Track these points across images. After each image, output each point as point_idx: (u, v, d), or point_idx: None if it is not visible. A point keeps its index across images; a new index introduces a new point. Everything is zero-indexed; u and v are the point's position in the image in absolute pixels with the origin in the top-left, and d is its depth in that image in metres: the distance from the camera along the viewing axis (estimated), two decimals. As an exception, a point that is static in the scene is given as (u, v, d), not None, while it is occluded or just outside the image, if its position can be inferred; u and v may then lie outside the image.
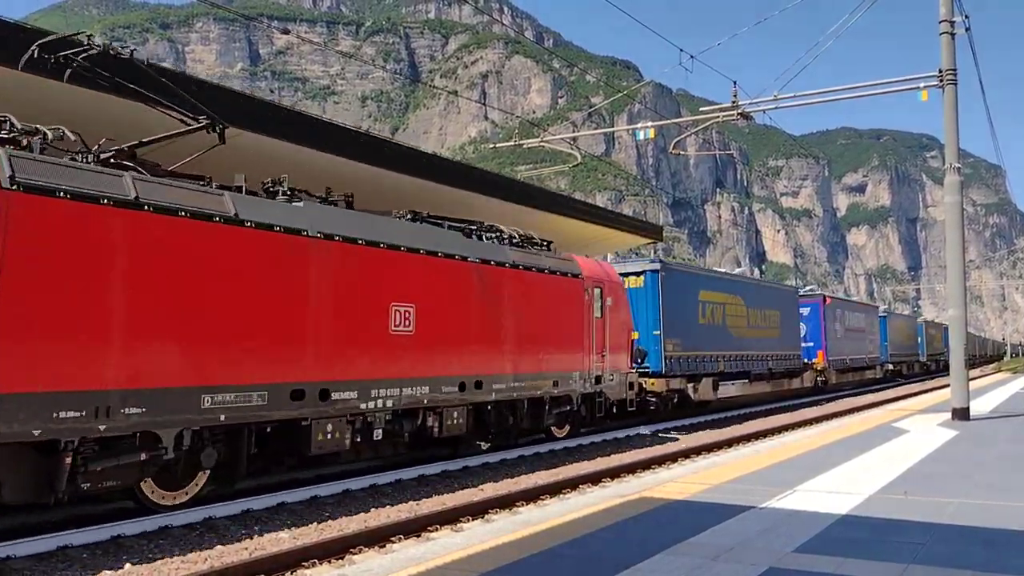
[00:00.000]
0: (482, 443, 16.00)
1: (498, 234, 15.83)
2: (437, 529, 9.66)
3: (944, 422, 16.25)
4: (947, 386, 18.87)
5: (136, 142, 10.18)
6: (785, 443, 13.54)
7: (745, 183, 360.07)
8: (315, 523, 10.01)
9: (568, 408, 17.15)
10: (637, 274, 23.66)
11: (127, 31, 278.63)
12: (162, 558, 8.37)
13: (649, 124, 21.83)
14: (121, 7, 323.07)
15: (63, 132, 8.94)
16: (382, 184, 16.17)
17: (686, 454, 16.12)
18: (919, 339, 59.97)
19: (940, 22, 16.83)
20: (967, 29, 17.13)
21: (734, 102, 19.50)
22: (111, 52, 10.00)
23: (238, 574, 7.64)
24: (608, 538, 6.44)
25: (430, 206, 16.95)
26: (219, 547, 8.84)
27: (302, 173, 13.14)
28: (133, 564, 8.14)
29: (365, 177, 15.43)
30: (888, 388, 43.96)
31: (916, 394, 31.49)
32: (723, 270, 36.04)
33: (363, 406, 11.67)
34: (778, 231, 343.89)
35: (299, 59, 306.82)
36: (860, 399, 32.90)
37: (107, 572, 7.88)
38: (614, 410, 19.59)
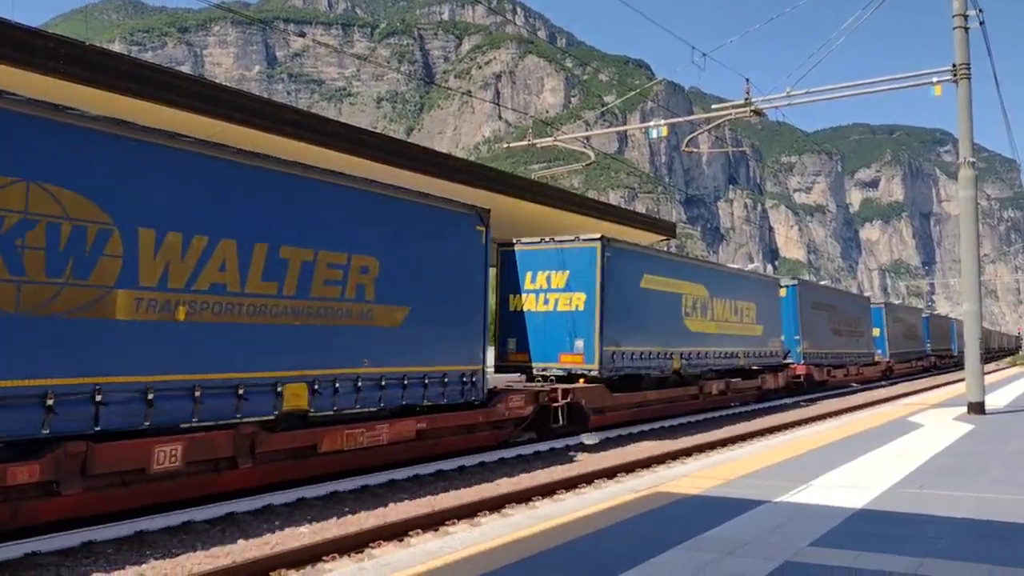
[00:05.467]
0: None
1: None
2: (455, 523, 9.74)
3: (959, 416, 16.22)
4: (964, 380, 18.81)
5: None
6: (800, 438, 13.55)
7: (758, 180, 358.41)
8: (335, 518, 10.12)
9: None
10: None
11: (146, 35, 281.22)
12: (184, 553, 8.50)
13: (662, 122, 21.85)
14: (140, 12, 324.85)
15: None
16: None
17: (700, 448, 16.13)
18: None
19: (954, 16, 16.77)
20: (981, 23, 17.07)
21: (747, 99, 19.50)
22: None
23: (259, 568, 7.75)
24: (623, 533, 6.51)
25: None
26: (241, 542, 8.96)
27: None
28: (156, 559, 8.27)
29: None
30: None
31: (931, 388, 31.36)
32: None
33: None
34: (791, 227, 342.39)
35: (315, 61, 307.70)
36: (875, 393, 32.88)
37: (130, 567, 8.02)
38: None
